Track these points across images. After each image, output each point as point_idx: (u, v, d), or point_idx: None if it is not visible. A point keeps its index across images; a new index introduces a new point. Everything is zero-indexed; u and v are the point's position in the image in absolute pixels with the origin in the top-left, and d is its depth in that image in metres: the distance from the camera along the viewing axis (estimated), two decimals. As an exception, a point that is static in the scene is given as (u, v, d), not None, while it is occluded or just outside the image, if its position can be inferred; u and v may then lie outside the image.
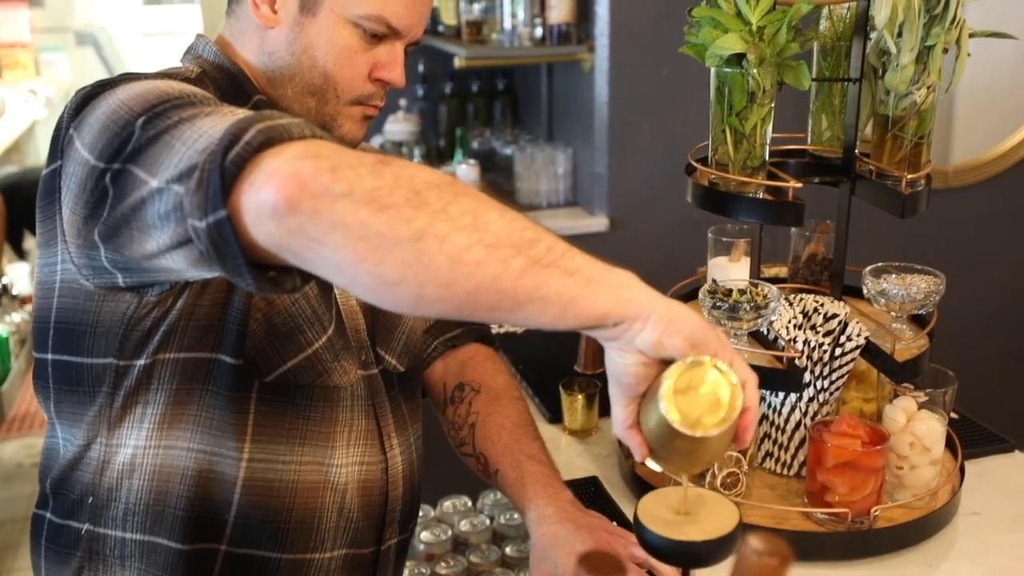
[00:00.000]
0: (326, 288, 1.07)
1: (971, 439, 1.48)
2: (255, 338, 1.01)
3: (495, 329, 1.96)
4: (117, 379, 1.02)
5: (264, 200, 0.69)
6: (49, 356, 1.05)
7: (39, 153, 5.07)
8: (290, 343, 1.03)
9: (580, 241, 2.86)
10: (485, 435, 1.23)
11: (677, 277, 1.51)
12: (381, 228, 0.68)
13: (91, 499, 1.05)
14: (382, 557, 1.15)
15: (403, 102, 3.07)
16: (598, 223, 2.85)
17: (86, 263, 0.95)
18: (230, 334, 1.00)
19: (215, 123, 0.77)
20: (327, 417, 1.07)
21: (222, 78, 1.07)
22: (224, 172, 0.71)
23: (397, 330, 1.18)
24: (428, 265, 0.69)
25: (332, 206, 0.68)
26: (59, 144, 0.95)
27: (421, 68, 3.16)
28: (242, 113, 0.78)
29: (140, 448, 1.03)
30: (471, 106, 3.25)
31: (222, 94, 1.04)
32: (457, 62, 2.73)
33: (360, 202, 0.68)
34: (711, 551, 0.93)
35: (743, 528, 0.94)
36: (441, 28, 2.96)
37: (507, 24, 2.81)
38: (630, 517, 1.29)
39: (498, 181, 3.09)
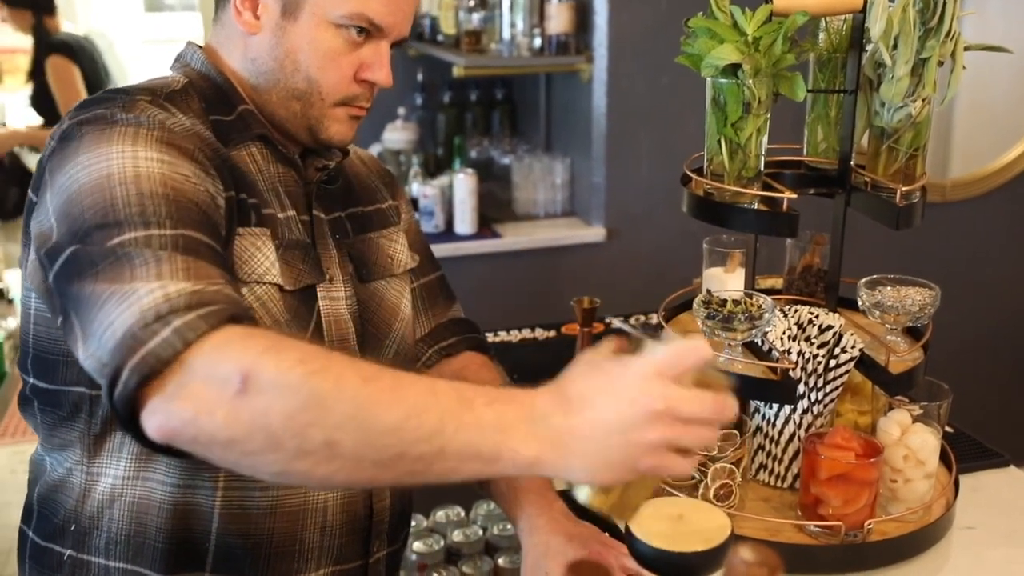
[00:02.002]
0: (294, 311, 1.05)
1: (966, 453, 1.47)
2: None
3: (491, 338, 1.95)
4: (92, 407, 1.02)
5: (151, 430, 0.78)
6: (31, 379, 1.05)
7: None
8: None
9: (577, 251, 2.89)
10: None
11: (673, 288, 1.51)
12: (251, 464, 0.76)
13: (73, 526, 1.05)
14: (371, 570, 1.13)
15: (401, 111, 3.07)
16: (595, 233, 2.85)
17: (46, 300, 0.96)
18: None
19: (125, 316, 0.80)
20: None
21: (207, 87, 1.07)
22: (115, 405, 0.79)
23: (387, 339, 1.17)
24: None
25: (207, 449, 0.77)
26: (41, 175, 0.96)
27: (420, 77, 3.16)
28: (159, 296, 0.80)
29: (119, 479, 1.03)
30: (469, 115, 3.26)
31: (207, 104, 1.05)
32: (456, 71, 2.74)
33: (223, 447, 0.76)
34: (703, 562, 0.93)
35: (735, 540, 0.93)
36: (440, 37, 2.96)
37: (506, 34, 2.82)
38: (622, 528, 1.28)
39: (495, 191, 3.09)
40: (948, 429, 1.46)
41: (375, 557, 1.13)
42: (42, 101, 3.66)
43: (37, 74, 3.64)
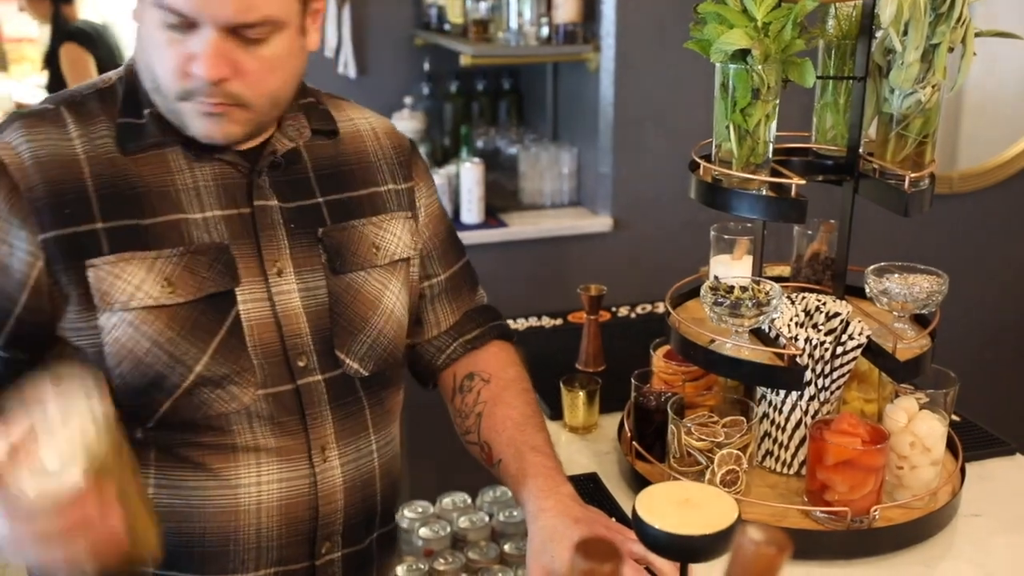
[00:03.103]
0: (192, 323, 1.02)
1: (972, 441, 1.47)
2: (120, 394, 1.00)
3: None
4: None
5: None
6: None
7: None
8: (156, 390, 1.01)
9: (584, 241, 2.89)
10: (491, 425, 1.21)
11: (679, 278, 1.51)
12: None
13: None
14: (320, 572, 1.12)
15: (408, 100, 3.07)
16: (602, 223, 2.85)
17: None
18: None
19: None
20: (220, 444, 1.04)
21: (127, 87, 1.06)
22: None
23: (361, 333, 1.13)
24: None
25: None
26: None
27: (427, 66, 3.16)
28: None
29: None
30: (476, 105, 3.26)
31: (125, 105, 1.05)
32: (463, 60, 2.73)
33: None
34: (709, 545, 0.93)
35: (742, 523, 0.94)
36: (447, 27, 2.96)
37: (513, 23, 2.81)
38: (629, 513, 1.29)
39: (502, 180, 3.09)
40: (955, 418, 1.46)
41: (324, 559, 1.12)
42: (56, 89, 3.68)
43: (52, 62, 3.66)
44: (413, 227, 1.21)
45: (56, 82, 3.65)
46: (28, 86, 4.68)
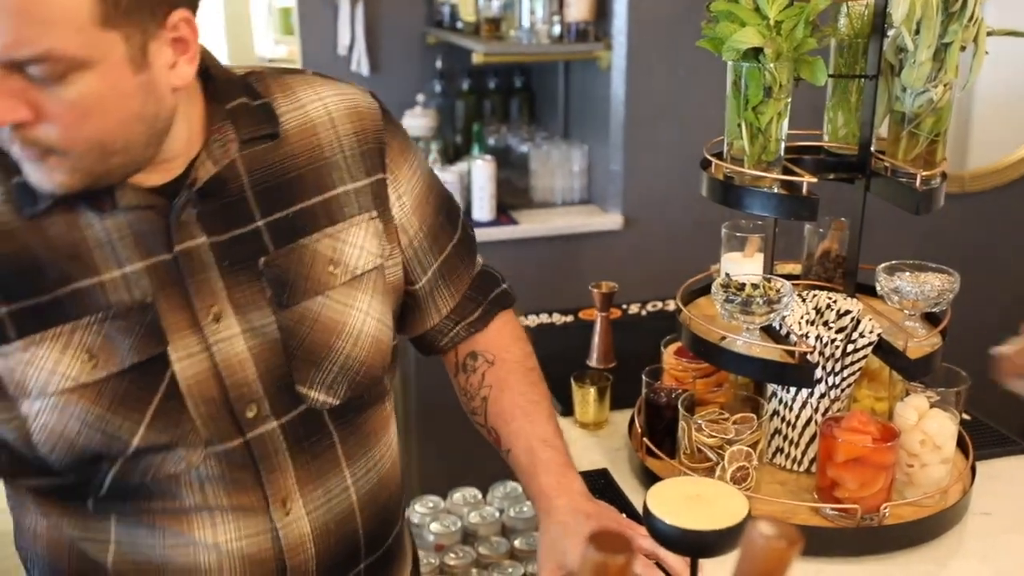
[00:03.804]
0: (122, 396, 0.92)
1: (983, 441, 1.47)
2: (63, 470, 0.94)
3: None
4: None
5: None
6: None
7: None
8: (97, 465, 0.94)
9: (594, 239, 2.89)
10: (498, 412, 1.17)
11: (690, 275, 1.51)
12: None
13: (19, 547, 1.07)
14: None
15: (420, 97, 3.08)
16: (612, 221, 2.85)
17: None
18: (37, 470, 0.95)
19: None
20: (172, 507, 0.98)
21: None
22: None
23: (326, 360, 1.01)
24: None
25: None
26: None
27: (439, 64, 3.17)
28: None
29: (34, 519, 1.02)
30: (488, 103, 3.26)
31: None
32: (475, 58, 2.74)
33: None
34: (720, 540, 0.93)
35: (752, 519, 0.94)
36: (459, 24, 2.97)
37: (525, 21, 2.82)
38: (639, 509, 1.30)
39: (513, 178, 3.10)
40: (965, 416, 1.46)
41: None
42: None
43: None
44: (380, 229, 1.06)
45: None
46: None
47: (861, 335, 1.29)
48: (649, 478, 1.36)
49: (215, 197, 0.95)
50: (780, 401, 1.36)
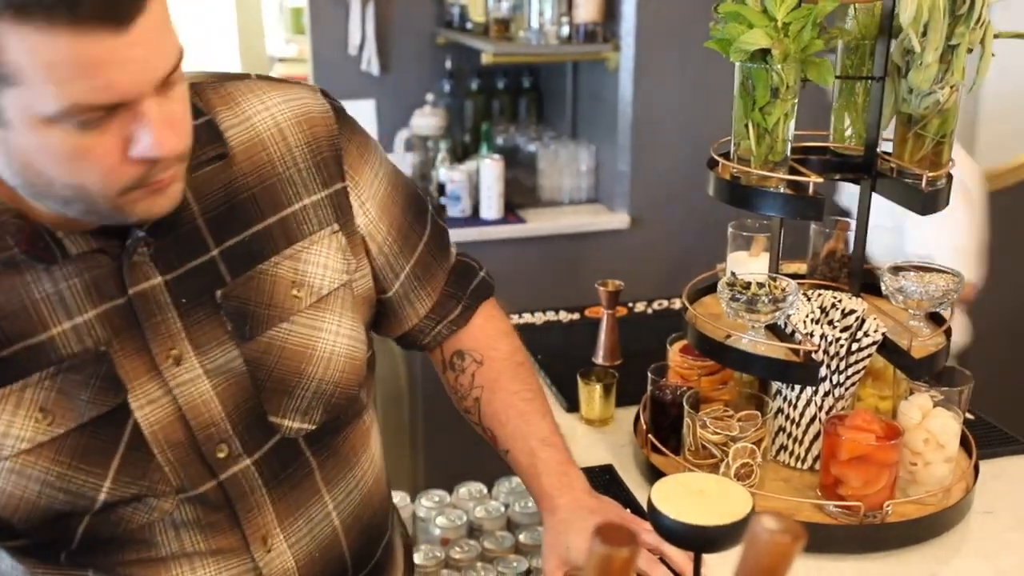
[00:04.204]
0: (83, 450, 0.88)
1: (987, 440, 1.48)
2: (29, 531, 0.91)
3: (515, 320, 1.98)
4: None
5: None
6: None
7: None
8: (64, 523, 0.91)
9: (601, 238, 2.90)
10: (491, 413, 1.15)
11: (696, 275, 1.52)
12: None
13: None
14: None
15: (430, 97, 3.10)
16: (619, 220, 2.87)
17: None
18: (5, 534, 0.92)
19: None
20: (148, 557, 0.95)
21: None
22: None
23: (298, 387, 0.97)
24: None
25: None
26: None
27: (448, 64, 3.18)
28: None
29: (11, 566, 0.98)
30: (497, 103, 3.28)
31: None
32: (484, 58, 2.76)
33: None
34: (724, 536, 0.94)
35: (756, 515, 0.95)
36: (469, 25, 2.98)
37: (534, 22, 2.83)
38: (644, 505, 1.31)
39: (521, 177, 3.12)
40: (969, 416, 1.47)
41: None
42: None
43: None
44: (343, 243, 1.00)
45: None
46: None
47: (866, 334, 1.30)
48: (654, 474, 1.37)
49: (165, 231, 0.89)
50: (784, 399, 1.37)
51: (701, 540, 0.96)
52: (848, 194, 2.17)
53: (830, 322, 1.34)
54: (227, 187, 0.93)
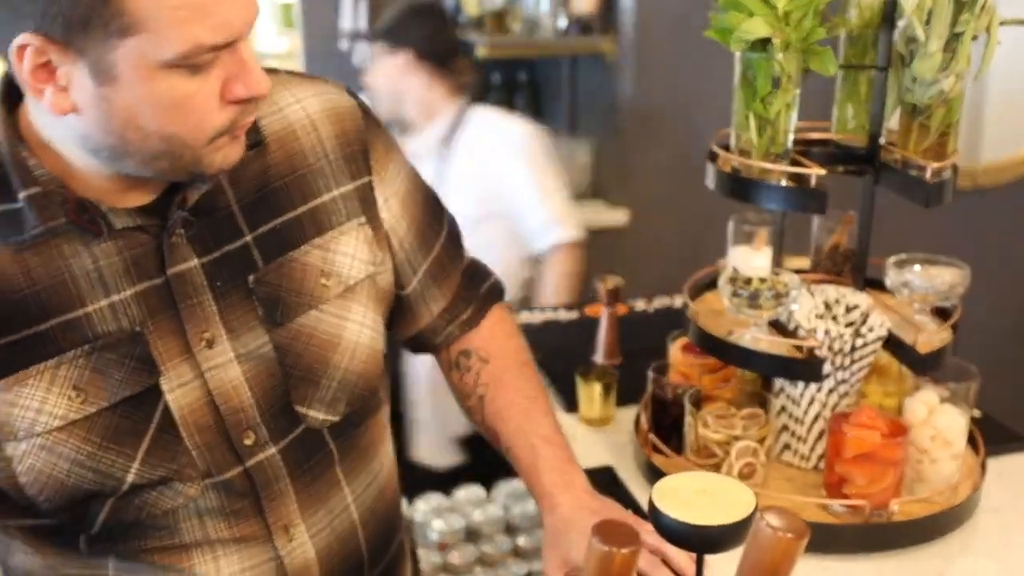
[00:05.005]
0: (112, 431, 0.89)
1: (994, 437, 1.45)
2: (53, 511, 0.91)
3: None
4: None
5: None
6: None
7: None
8: (88, 504, 0.91)
9: (600, 234, 2.87)
10: (495, 411, 1.15)
11: (697, 271, 1.50)
12: None
13: None
14: None
15: (425, 93, 3.07)
16: (619, 216, 2.84)
17: None
18: (30, 513, 0.92)
19: None
20: (171, 544, 0.95)
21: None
22: None
23: (324, 377, 0.99)
24: None
25: None
26: None
27: (443, 59, 3.15)
28: None
29: (24, 558, 0.99)
30: (492, 97, 3.24)
31: None
32: (479, 52, 2.73)
33: None
34: (726, 536, 0.92)
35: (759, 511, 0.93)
36: (464, 18, 2.96)
37: (530, 14, 2.80)
38: (645, 506, 1.28)
39: (518, 173, 3.08)
40: (976, 413, 1.44)
41: None
42: None
43: None
44: (370, 235, 1.03)
45: None
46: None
47: (870, 329, 1.27)
48: (655, 475, 1.35)
49: (203, 215, 0.92)
50: (788, 396, 1.34)
51: (703, 540, 0.93)
52: None
53: (834, 317, 1.31)
54: (261, 175, 0.96)
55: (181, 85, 0.81)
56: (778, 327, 1.31)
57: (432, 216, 1.14)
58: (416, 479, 2.00)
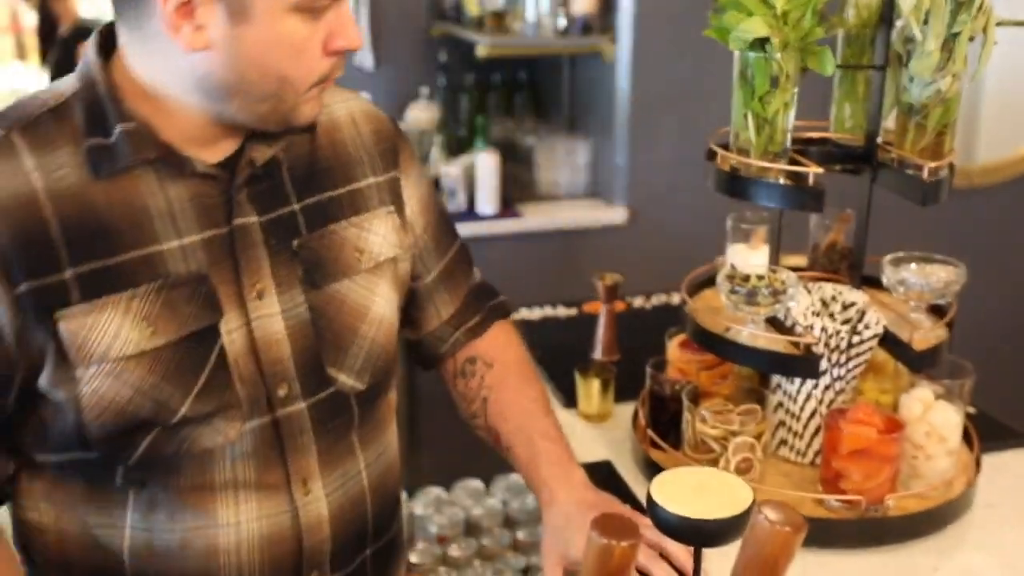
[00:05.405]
0: (176, 364, 0.94)
1: (989, 433, 1.47)
2: (99, 441, 0.94)
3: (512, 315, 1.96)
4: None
5: None
6: None
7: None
8: (138, 432, 0.95)
9: (599, 232, 2.88)
10: (497, 411, 1.19)
11: (694, 269, 1.51)
12: None
13: (20, 547, 1.06)
14: None
15: (425, 90, 3.08)
16: (617, 215, 2.85)
17: None
18: (74, 441, 0.95)
19: None
20: (200, 483, 0.99)
21: (94, 101, 0.94)
22: None
23: (353, 346, 1.05)
24: None
25: None
26: None
27: (443, 57, 3.16)
28: None
29: (39, 511, 1.02)
30: (492, 96, 3.26)
31: (90, 122, 0.93)
32: (479, 51, 2.74)
33: None
34: (724, 530, 0.93)
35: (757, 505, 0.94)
36: (464, 17, 2.96)
37: (530, 14, 2.81)
38: (643, 501, 1.29)
39: (518, 172, 3.09)
40: (971, 410, 1.46)
41: None
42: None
43: (64, 60, 3.64)
44: (398, 223, 1.12)
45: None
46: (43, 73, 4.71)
47: (867, 327, 1.28)
48: (653, 470, 1.36)
49: (261, 179, 1.00)
50: (785, 393, 1.35)
51: (701, 534, 0.94)
52: None
53: (831, 315, 1.32)
54: (310, 156, 1.06)
55: (301, 30, 0.90)
56: (775, 324, 1.32)
57: (447, 227, 1.23)
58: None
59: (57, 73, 3.72)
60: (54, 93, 0.96)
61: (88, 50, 0.96)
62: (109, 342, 0.91)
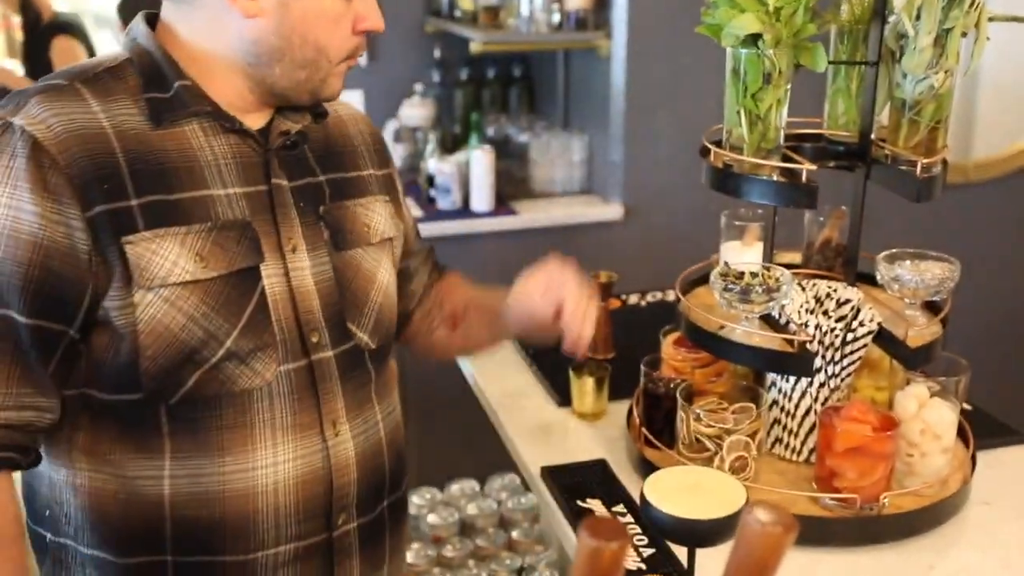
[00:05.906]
0: (224, 297, 1.03)
1: (984, 431, 1.46)
2: (150, 374, 1.01)
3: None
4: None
5: None
6: None
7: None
8: (186, 366, 1.02)
9: (594, 229, 2.87)
10: (447, 298, 1.34)
11: (690, 266, 1.50)
12: None
13: (48, 512, 1.09)
14: (337, 543, 1.13)
15: (419, 87, 3.07)
16: (613, 211, 2.84)
17: None
18: (126, 376, 1.01)
19: None
20: (241, 422, 1.05)
21: (147, 64, 1.05)
22: None
23: (366, 307, 1.16)
24: None
25: None
26: None
27: (437, 54, 3.15)
28: None
29: (73, 470, 1.06)
30: (487, 92, 3.24)
31: (146, 80, 1.04)
32: (473, 47, 2.73)
33: None
34: (717, 530, 0.93)
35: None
36: (458, 13, 2.95)
37: (524, 10, 2.80)
38: (637, 500, 1.29)
39: (513, 168, 3.08)
40: (966, 407, 1.45)
41: (341, 530, 1.13)
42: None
43: (37, 53, 3.62)
44: (392, 210, 1.23)
45: (43, 73, 3.61)
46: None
47: (861, 324, 1.28)
48: (647, 468, 1.35)
49: (290, 149, 1.12)
50: (779, 391, 1.35)
51: (694, 534, 0.94)
52: None
53: (825, 312, 1.32)
54: (325, 140, 1.18)
55: (338, 6, 1.04)
56: (769, 322, 1.31)
57: (417, 230, 1.36)
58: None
59: (31, 64, 3.67)
60: (110, 57, 1.06)
61: (139, 25, 1.08)
62: (169, 268, 0.99)
